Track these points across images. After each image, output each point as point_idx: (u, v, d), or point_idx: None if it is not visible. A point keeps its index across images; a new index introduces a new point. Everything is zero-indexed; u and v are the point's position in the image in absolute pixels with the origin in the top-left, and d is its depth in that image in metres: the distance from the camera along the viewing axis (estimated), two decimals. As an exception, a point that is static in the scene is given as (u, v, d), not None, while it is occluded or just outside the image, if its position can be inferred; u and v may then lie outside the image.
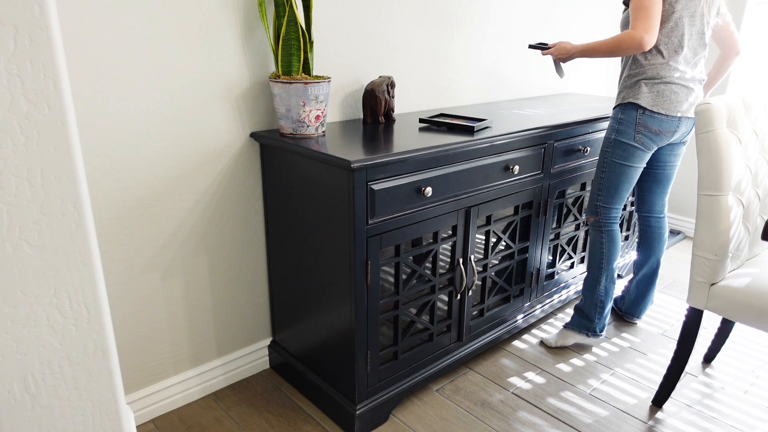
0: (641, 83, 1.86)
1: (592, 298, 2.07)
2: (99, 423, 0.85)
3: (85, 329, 0.79)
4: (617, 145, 1.92)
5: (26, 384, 0.76)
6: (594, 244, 2.05)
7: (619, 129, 1.91)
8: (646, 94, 1.85)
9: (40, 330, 0.75)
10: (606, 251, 2.02)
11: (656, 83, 1.84)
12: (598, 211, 2.01)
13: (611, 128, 1.95)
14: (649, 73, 1.85)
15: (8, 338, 0.73)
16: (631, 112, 1.87)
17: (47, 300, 0.75)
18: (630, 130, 1.89)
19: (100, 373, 0.82)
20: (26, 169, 0.69)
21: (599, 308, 2.07)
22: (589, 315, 2.09)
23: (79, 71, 1.36)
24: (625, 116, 1.89)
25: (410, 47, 2.09)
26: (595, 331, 2.10)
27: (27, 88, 0.67)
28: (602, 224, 2.02)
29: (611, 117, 1.97)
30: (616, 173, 1.95)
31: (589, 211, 2.05)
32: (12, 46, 0.65)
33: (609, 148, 1.95)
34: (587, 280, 2.09)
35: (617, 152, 1.93)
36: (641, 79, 1.86)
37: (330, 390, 1.71)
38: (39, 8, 0.65)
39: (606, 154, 1.96)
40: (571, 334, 2.12)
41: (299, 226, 1.66)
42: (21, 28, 0.65)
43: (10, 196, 0.69)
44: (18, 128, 0.67)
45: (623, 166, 1.93)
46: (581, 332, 2.11)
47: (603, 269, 2.03)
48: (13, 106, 0.66)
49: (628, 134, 1.89)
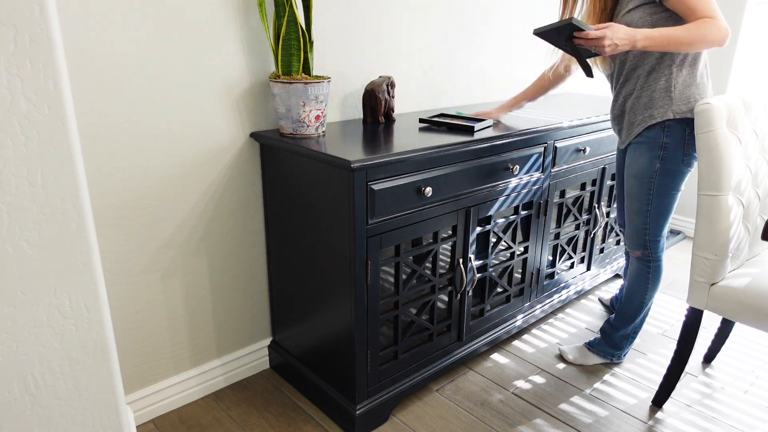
0: (692, 94, 1.63)
1: (626, 329, 1.98)
2: (99, 423, 0.85)
3: (85, 329, 0.79)
4: (664, 174, 1.69)
5: (26, 384, 0.76)
6: (640, 277, 1.88)
7: (665, 156, 1.67)
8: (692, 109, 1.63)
9: (40, 330, 0.75)
10: (651, 285, 1.88)
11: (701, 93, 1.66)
12: (648, 245, 1.82)
13: (653, 156, 1.69)
14: (696, 82, 1.65)
15: (8, 338, 0.73)
16: (679, 131, 1.65)
17: (47, 300, 0.75)
18: (678, 154, 1.66)
19: (100, 373, 0.82)
20: (26, 169, 0.69)
21: (631, 338, 2.00)
22: (620, 344, 2.01)
23: (79, 71, 1.36)
24: (671, 139, 1.65)
25: (410, 47, 2.09)
26: (620, 357, 2.04)
27: (27, 88, 0.67)
28: (651, 258, 1.84)
29: (643, 141, 1.70)
30: (665, 203, 1.74)
31: (636, 245, 1.84)
32: (12, 46, 0.65)
33: (653, 178, 1.70)
34: (625, 311, 1.94)
35: (665, 181, 1.70)
36: (691, 90, 1.64)
37: (330, 390, 1.71)
38: (39, 8, 0.65)
39: (650, 185, 1.72)
40: (593, 356, 2.05)
41: (299, 226, 1.66)
42: (21, 28, 0.65)
43: (10, 196, 0.69)
44: (18, 128, 0.67)
45: (673, 193, 1.73)
46: (606, 357, 2.04)
47: (644, 303, 1.91)
48: (13, 106, 0.66)
49: (676, 159, 1.67)
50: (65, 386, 0.80)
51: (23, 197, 0.70)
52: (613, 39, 1.48)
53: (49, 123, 0.69)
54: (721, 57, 3.02)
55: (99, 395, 0.83)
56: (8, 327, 0.72)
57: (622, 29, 1.49)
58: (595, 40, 1.48)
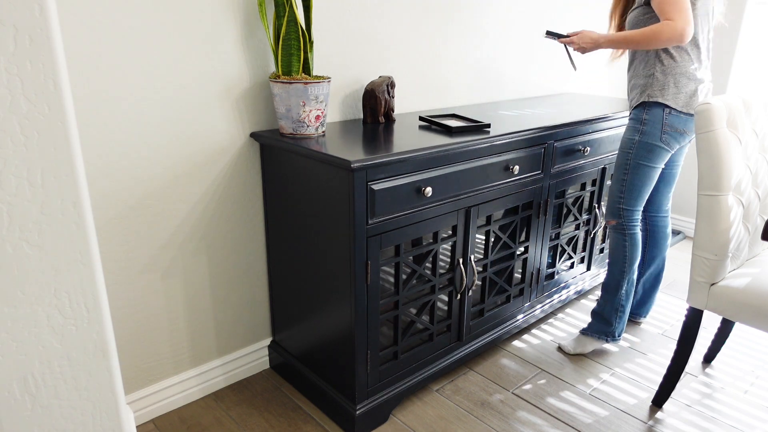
0: (668, 82, 1.81)
1: (612, 302, 2.03)
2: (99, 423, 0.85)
3: (85, 329, 0.79)
4: (642, 147, 1.87)
5: (26, 384, 0.76)
6: (617, 247, 2.00)
7: (644, 130, 1.85)
8: (674, 94, 1.81)
9: (40, 330, 0.75)
10: (629, 254, 1.98)
11: (684, 82, 1.81)
12: (621, 213, 1.96)
13: (633, 129, 1.89)
14: (676, 72, 1.81)
15: (8, 338, 0.73)
16: (657, 111, 1.83)
17: (47, 300, 0.75)
18: (656, 131, 1.84)
19: (100, 373, 0.82)
20: (26, 169, 0.69)
21: (619, 312, 2.04)
22: (609, 319, 2.05)
23: (79, 71, 1.36)
24: (650, 116, 1.84)
25: (410, 47, 2.09)
26: (614, 335, 2.07)
27: (27, 88, 0.67)
28: (625, 227, 1.97)
29: (631, 117, 1.91)
30: (640, 175, 1.90)
31: (611, 215, 1.99)
32: (12, 46, 0.65)
33: (632, 149, 1.89)
34: (608, 284, 2.04)
35: (641, 153, 1.87)
36: (668, 78, 1.81)
37: (330, 390, 1.71)
38: (39, 8, 0.65)
39: (628, 155, 1.90)
40: (590, 341, 2.08)
41: (299, 226, 1.66)
42: (21, 28, 0.65)
43: (10, 196, 0.69)
44: (18, 128, 0.67)
45: (647, 167, 1.89)
46: (600, 338, 2.07)
47: (625, 273, 2.00)
48: (13, 106, 0.66)
49: (653, 135, 1.85)
50: (65, 386, 0.80)
51: (23, 197, 0.70)
52: (580, 42, 1.93)
53: (49, 123, 0.69)
54: (722, 57, 3.02)
55: (99, 395, 0.83)
56: (8, 327, 0.72)
57: (588, 35, 1.91)
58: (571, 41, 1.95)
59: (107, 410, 0.85)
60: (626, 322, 2.10)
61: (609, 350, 2.14)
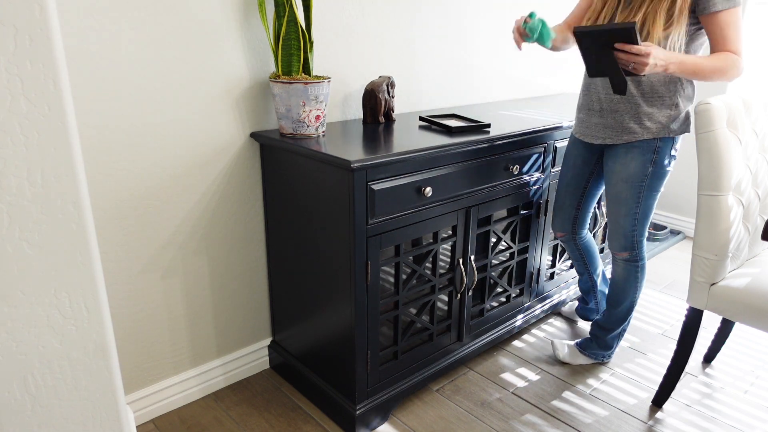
0: (689, 110, 1.71)
1: (618, 330, 1.98)
2: (99, 423, 0.85)
3: (85, 329, 0.79)
4: (655, 176, 1.73)
5: (26, 384, 0.76)
6: (628, 279, 1.88)
7: (657, 160, 1.71)
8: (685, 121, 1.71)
9: (40, 330, 0.75)
10: (640, 284, 1.89)
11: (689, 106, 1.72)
12: (635, 245, 1.83)
13: (646, 160, 1.70)
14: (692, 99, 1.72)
15: (8, 338, 0.73)
16: (669, 139, 1.70)
17: (47, 300, 0.75)
18: (666, 159, 1.72)
19: (100, 373, 0.82)
20: (26, 169, 0.69)
21: (620, 337, 2.01)
22: (610, 344, 2.01)
23: (79, 71, 1.36)
24: (663, 144, 1.69)
25: (410, 47, 2.09)
26: (610, 356, 2.05)
27: (27, 88, 0.67)
28: (638, 257, 1.85)
29: (642, 147, 1.70)
30: (650, 204, 1.78)
31: (622, 247, 1.84)
32: (12, 46, 0.65)
33: (644, 181, 1.73)
34: (614, 314, 1.95)
35: (654, 184, 1.74)
36: (688, 107, 1.71)
37: (330, 390, 1.71)
38: (39, 8, 0.65)
39: (641, 188, 1.74)
40: (584, 358, 2.05)
41: (299, 226, 1.66)
42: (21, 28, 0.65)
43: (10, 196, 0.69)
44: (18, 128, 0.67)
45: (658, 194, 1.79)
46: (597, 358, 2.04)
47: (634, 303, 1.92)
48: (13, 106, 0.66)
49: (663, 162, 1.72)
50: (65, 386, 0.80)
51: (23, 197, 0.70)
52: (656, 59, 1.40)
53: (49, 123, 0.69)
54: (721, 57, 3.02)
55: (99, 395, 0.83)
56: (8, 327, 0.72)
57: (662, 51, 1.43)
58: (638, 56, 1.37)
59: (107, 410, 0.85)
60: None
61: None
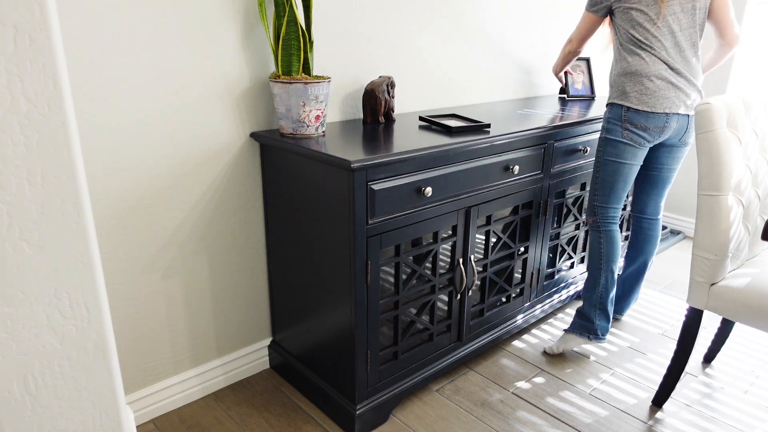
0: (624, 81, 1.88)
1: (591, 298, 2.05)
2: (99, 423, 0.85)
3: (85, 329, 0.79)
4: (608, 143, 1.94)
5: (26, 384, 0.76)
6: (593, 244, 2.04)
7: (608, 127, 1.93)
8: (628, 93, 1.86)
9: (40, 330, 0.75)
10: (605, 251, 2.01)
11: (638, 80, 1.85)
12: (596, 211, 2.01)
13: (603, 128, 1.98)
14: (631, 70, 1.87)
15: (8, 338, 0.73)
16: (617, 109, 1.90)
17: (47, 300, 0.75)
18: (617, 128, 1.90)
19: (100, 373, 0.82)
20: (26, 169, 0.69)
21: (599, 308, 2.04)
22: (589, 316, 2.06)
23: (79, 71, 1.36)
24: (612, 114, 1.92)
25: (410, 47, 2.09)
26: (597, 333, 2.06)
27: (27, 88, 0.67)
28: (600, 224, 2.01)
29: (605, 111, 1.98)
30: (610, 171, 1.95)
31: (588, 212, 2.05)
32: (12, 46, 0.65)
33: (602, 146, 1.97)
34: (587, 281, 2.07)
35: (608, 150, 1.94)
36: (624, 77, 1.88)
37: (330, 390, 1.71)
38: (39, 8, 0.65)
39: (599, 153, 1.98)
40: (572, 338, 2.08)
41: (299, 226, 1.66)
42: (21, 28, 0.65)
43: (10, 196, 0.69)
44: (18, 128, 0.67)
45: (615, 163, 1.93)
46: (582, 335, 2.07)
47: (602, 270, 2.02)
48: (13, 106, 0.66)
49: (616, 131, 1.91)
50: (65, 386, 0.80)
51: (23, 197, 0.70)
52: None
53: (49, 123, 0.69)
54: (721, 57, 3.02)
55: (99, 395, 0.83)
56: (8, 327, 0.72)
57: None
58: None
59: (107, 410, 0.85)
60: (611, 321, 2.10)
61: (608, 350, 2.14)
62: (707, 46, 2.77)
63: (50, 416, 0.80)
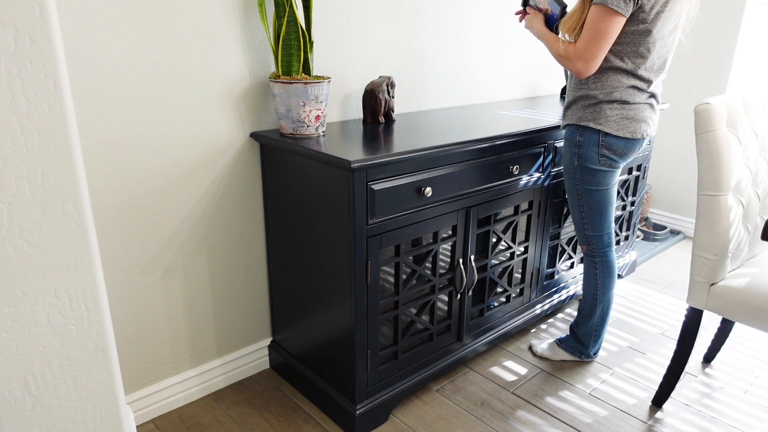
0: (603, 106, 1.68)
1: (586, 326, 1.99)
2: (99, 423, 0.85)
3: (85, 329, 0.79)
4: (584, 171, 1.76)
5: (26, 384, 0.76)
6: (588, 273, 1.93)
7: (580, 153, 1.74)
8: (609, 119, 1.68)
9: (40, 330, 0.75)
10: (600, 282, 1.91)
11: (621, 106, 1.67)
12: (590, 240, 1.88)
13: (571, 153, 1.76)
14: (613, 96, 1.67)
15: (8, 338, 0.73)
16: (592, 135, 1.71)
17: (47, 300, 0.75)
18: (593, 155, 1.72)
19: (100, 373, 0.82)
20: (26, 169, 0.69)
21: (594, 336, 2.00)
22: (584, 341, 2.02)
23: (79, 71, 1.36)
24: (584, 139, 1.72)
25: (410, 47, 2.09)
26: (589, 354, 2.04)
27: (27, 88, 0.67)
28: (596, 253, 1.89)
29: (566, 137, 1.77)
30: (595, 200, 1.80)
31: (580, 240, 1.92)
32: (12, 46, 0.65)
33: (576, 174, 1.78)
34: (583, 308, 1.98)
35: (586, 178, 1.76)
36: (603, 102, 1.68)
37: (330, 390, 1.71)
38: (39, 8, 0.65)
39: (575, 181, 1.79)
40: (563, 353, 2.05)
41: (299, 225, 1.66)
42: (21, 28, 0.65)
43: (10, 196, 0.69)
44: (18, 128, 0.67)
45: (598, 191, 1.78)
46: (574, 354, 2.05)
47: (598, 300, 1.93)
48: (13, 106, 0.66)
49: (591, 159, 1.72)
50: (65, 386, 0.80)
51: (23, 197, 0.70)
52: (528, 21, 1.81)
53: (49, 123, 0.69)
54: (722, 57, 3.02)
55: (99, 395, 0.83)
56: (8, 327, 0.73)
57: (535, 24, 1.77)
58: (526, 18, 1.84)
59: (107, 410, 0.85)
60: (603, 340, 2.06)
61: (608, 350, 2.14)
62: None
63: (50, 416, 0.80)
